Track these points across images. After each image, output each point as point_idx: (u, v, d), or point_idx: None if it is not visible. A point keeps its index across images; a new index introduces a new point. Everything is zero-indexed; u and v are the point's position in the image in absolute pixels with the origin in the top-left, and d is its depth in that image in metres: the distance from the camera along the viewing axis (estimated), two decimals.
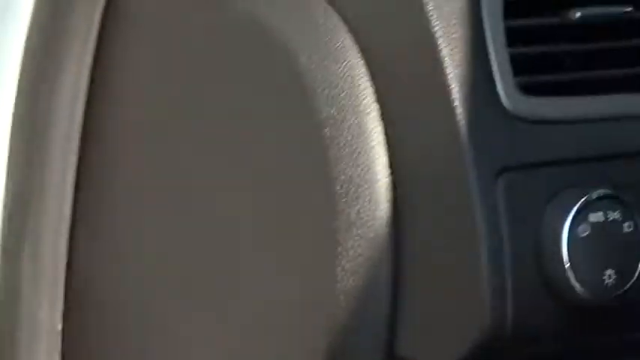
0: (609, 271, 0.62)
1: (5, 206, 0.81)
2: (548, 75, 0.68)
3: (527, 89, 0.66)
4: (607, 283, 0.62)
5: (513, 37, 0.66)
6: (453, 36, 0.63)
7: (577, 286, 0.62)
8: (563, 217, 0.62)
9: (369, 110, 0.65)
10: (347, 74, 0.65)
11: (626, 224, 0.63)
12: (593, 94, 0.68)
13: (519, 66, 0.66)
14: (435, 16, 0.63)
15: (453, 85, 0.63)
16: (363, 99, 0.65)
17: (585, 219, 0.62)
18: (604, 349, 0.71)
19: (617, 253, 0.63)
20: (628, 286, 0.63)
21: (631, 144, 0.67)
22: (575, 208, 0.62)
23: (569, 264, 0.62)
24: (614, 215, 0.63)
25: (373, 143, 0.64)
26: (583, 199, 0.63)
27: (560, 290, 0.63)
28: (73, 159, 0.77)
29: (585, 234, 0.62)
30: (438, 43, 0.62)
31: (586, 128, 0.67)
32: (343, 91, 0.64)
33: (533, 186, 0.64)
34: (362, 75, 0.65)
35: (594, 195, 0.63)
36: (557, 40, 0.69)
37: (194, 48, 0.74)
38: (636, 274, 0.64)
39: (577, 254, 0.62)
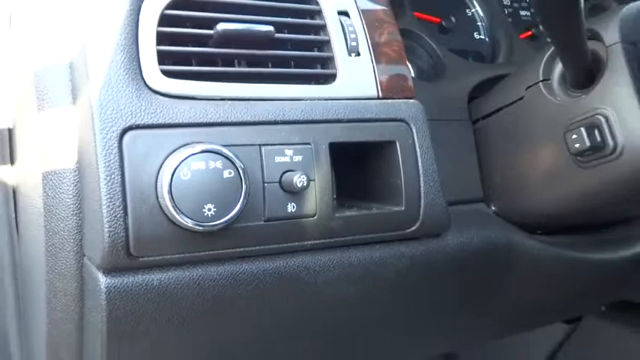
0: (209, 206, 0.47)
1: None
2: (184, 66, 0.53)
3: (170, 74, 0.51)
4: (207, 215, 0.47)
5: (162, 39, 0.52)
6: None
7: (177, 215, 0.47)
8: (172, 164, 0.47)
9: None
10: None
11: (226, 171, 0.48)
12: (222, 82, 0.53)
13: (165, 58, 0.52)
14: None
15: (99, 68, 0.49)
16: None
17: (188, 166, 0.47)
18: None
19: (217, 193, 0.48)
20: (229, 217, 0.48)
21: (240, 116, 0.52)
22: (182, 158, 0.47)
23: (170, 198, 0.46)
24: (216, 164, 0.48)
25: None
26: (188, 151, 0.48)
27: (171, 218, 0.47)
28: None
29: (187, 177, 0.47)
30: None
31: (208, 104, 0.51)
32: None
33: (160, 142, 0.48)
34: None
35: (198, 149, 0.48)
36: (207, 44, 0.54)
37: None
38: (235, 209, 0.48)
39: (179, 192, 0.47)
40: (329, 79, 0.57)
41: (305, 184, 0.50)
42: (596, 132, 0.57)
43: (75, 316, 0.52)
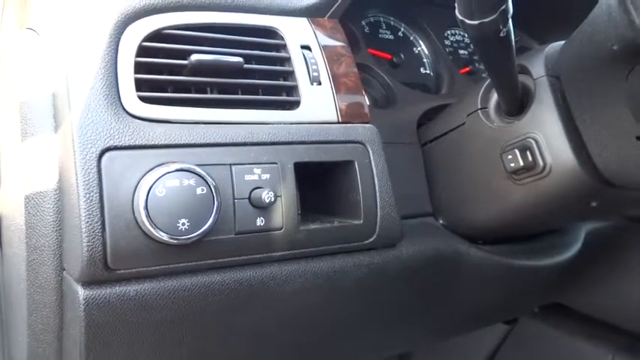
0: (183, 220, 0.45)
1: None
2: (160, 92, 0.51)
3: (147, 100, 0.49)
4: (181, 229, 0.45)
5: (140, 68, 0.50)
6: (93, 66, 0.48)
7: (153, 229, 0.44)
8: (148, 182, 0.45)
9: None
10: None
11: (199, 188, 0.46)
12: (195, 107, 0.51)
13: (143, 85, 0.50)
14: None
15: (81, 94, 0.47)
16: None
17: (164, 184, 0.45)
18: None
19: (190, 208, 0.46)
20: (202, 231, 0.46)
21: (212, 138, 0.50)
22: (157, 176, 0.45)
23: (146, 214, 0.44)
24: (190, 182, 0.46)
25: None
26: (163, 170, 0.45)
27: (147, 233, 0.45)
28: None
29: (162, 194, 0.45)
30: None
31: (182, 127, 0.49)
32: None
33: (137, 161, 0.46)
34: None
35: (172, 168, 0.46)
36: (182, 73, 0.53)
37: None
38: (207, 223, 0.47)
39: (154, 208, 0.45)
40: (293, 105, 0.57)
41: (272, 200, 0.49)
42: (528, 153, 0.58)
43: (55, 327, 0.49)
